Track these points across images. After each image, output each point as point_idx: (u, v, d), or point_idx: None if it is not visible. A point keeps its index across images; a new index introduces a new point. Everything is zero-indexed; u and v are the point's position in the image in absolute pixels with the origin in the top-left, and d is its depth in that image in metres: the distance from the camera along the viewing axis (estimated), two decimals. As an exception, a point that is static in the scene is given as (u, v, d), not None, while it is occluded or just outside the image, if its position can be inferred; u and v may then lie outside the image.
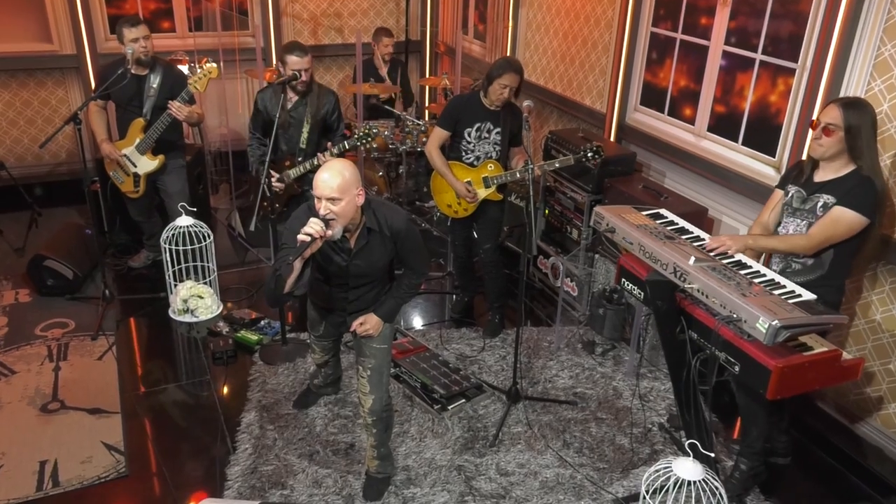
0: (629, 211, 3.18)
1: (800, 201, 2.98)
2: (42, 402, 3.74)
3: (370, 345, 3.04)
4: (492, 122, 4.07)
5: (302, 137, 4.23)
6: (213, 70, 4.24)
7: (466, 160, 4.17)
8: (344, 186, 2.59)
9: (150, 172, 4.59)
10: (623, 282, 3.28)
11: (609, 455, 3.52)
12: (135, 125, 4.46)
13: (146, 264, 5.08)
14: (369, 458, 3.24)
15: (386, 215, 2.85)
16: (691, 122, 4.35)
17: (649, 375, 4.13)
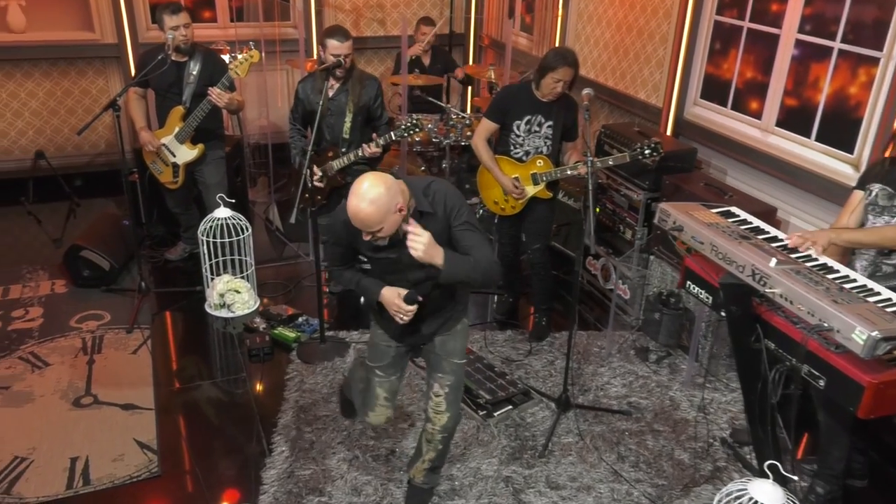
0: (697, 208, 2.94)
1: (887, 198, 2.71)
2: (75, 395, 3.63)
3: (451, 360, 2.71)
4: (543, 115, 3.85)
5: (345, 127, 4.06)
6: (254, 55, 4.09)
7: (515, 155, 3.95)
8: (378, 216, 2.26)
9: (190, 162, 4.47)
10: (688, 285, 3.04)
11: (668, 471, 3.28)
12: (174, 113, 4.34)
13: (183, 257, 4.96)
14: (418, 469, 2.97)
15: (445, 193, 2.47)
16: (758, 116, 4.08)
17: (708, 386, 3.88)
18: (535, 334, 4.23)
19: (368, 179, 2.27)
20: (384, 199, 2.24)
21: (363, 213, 2.24)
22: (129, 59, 6.03)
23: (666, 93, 4.65)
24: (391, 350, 2.78)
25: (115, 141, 6.27)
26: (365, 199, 2.23)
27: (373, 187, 2.24)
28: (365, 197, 2.23)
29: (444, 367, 2.72)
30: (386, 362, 2.80)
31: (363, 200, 2.23)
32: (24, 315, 4.28)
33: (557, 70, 3.66)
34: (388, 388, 2.82)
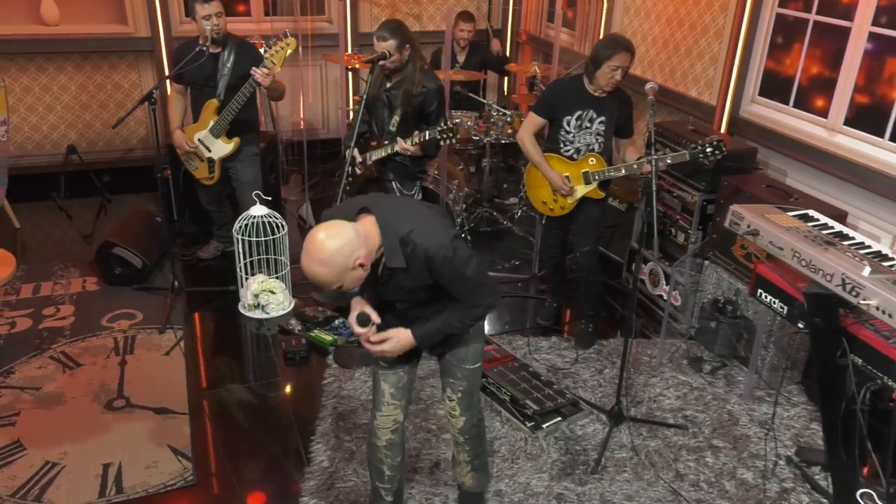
0: (772, 211, 2.74)
1: None
2: (107, 398, 3.50)
3: (462, 366, 2.54)
4: (595, 111, 3.65)
5: (392, 120, 3.87)
6: (291, 43, 3.93)
7: (565, 152, 3.76)
8: (332, 276, 2.05)
9: (226, 156, 4.33)
10: (759, 293, 2.84)
11: (731, 491, 3.07)
12: (208, 107, 4.21)
13: (215, 255, 4.84)
14: (463, 474, 2.81)
15: (419, 243, 2.16)
16: (823, 114, 3.85)
17: (768, 399, 3.66)
18: (582, 342, 4.04)
19: (323, 231, 2.04)
20: (337, 258, 2.02)
21: (314, 274, 2.04)
22: (162, 53, 5.92)
23: (720, 90, 4.43)
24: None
25: (147, 136, 6.21)
26: (315, 259, 2.02)
27: (325, 245, 2.01)
28: (315, 256, 2.02)
29: (455, 373, 2.55)
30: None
31: (313, 260, 2.02)
32: (56, 313, 4.17)
33: (614, 57, 3.45)
34: (393, 383, 2.51)
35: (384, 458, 2.62)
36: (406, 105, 3.82)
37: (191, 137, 4.31)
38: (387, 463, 2.63)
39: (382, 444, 2.59)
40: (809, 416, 3.54)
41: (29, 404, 3.43)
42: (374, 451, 2.63)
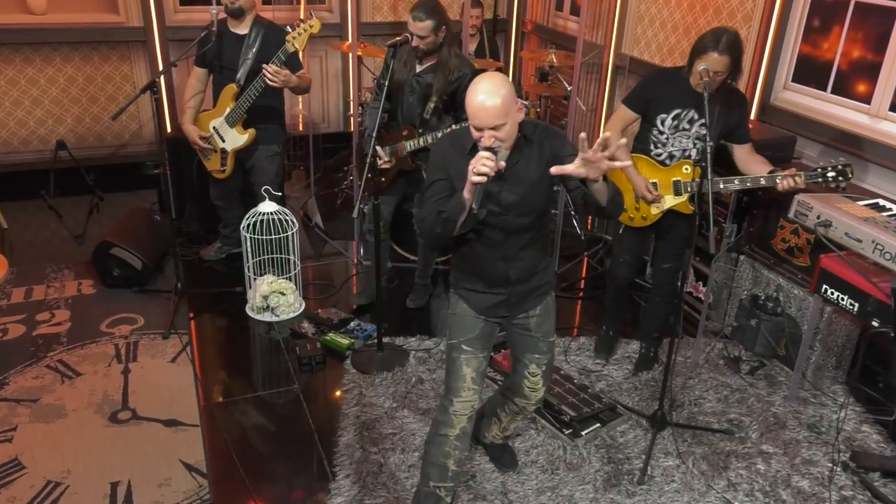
0: (840, 200, 2.55)
1: None
2: (111, 409, 3.25)
3: (547, 339, 2.59)
4: (697, 111, 3.12)
5: (428, 107, 3.59)
6: (314, 25, 3.67)
7: (656, 156, 3.24)
8: (506, 107, 2.12)
9: (239, 148, 4.03)
10: (823, 289, 2.64)
11: (788, 501, 2.88)
12: (226, 92, 3.91)
13: (219, 258, 4.55)
14: (497, 435, 2.95)
15: (547, 128, 2.36)
16: (866, 100, 3.67)
17: (814, 401, 3.47)
18: (642, 365, 3.69)
19: (488, 76, 2.19)
20: (508, 88, 2.15)
21: (492, 101, 2.10)
22: (155, 44, 5.64)
23: (750, 76, 4.23)
24: (479, 322, 2.50)
25: (139, 131, 5.92)
26: (491, 88, 2.12)
27: (498, 78, 2.17)
28: (489, 86, 2.13)
29: (540, 347, 2.59)
30: (475, 334, 2.49)
31: (489, 90, 2.12)
32: (51, 319, 3.90)
33: (707, 55, 2.93)
34: (475, 367, 2.47)
35: (452, 451, 2.48)
36: (442, 91, 3.57)
37: (206, 125, 4.02)
38: (454, 456, 2.49)
39: (455, 433, 2.48)
40: (858, 417, 3.36)
41: (26, 418, 3.17)
42: (442, 445, 2.49)
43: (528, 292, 2.51)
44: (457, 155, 2.31)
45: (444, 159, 2.33)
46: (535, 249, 2.46)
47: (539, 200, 2.36)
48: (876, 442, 3.22)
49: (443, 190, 2.31)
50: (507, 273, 2.43)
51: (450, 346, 2.52)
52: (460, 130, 2.36)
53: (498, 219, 2.33)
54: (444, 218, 2.23)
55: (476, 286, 2.48)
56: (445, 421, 2.49)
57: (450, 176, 2.31)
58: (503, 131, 2.14)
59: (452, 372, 2.49)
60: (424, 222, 2.32)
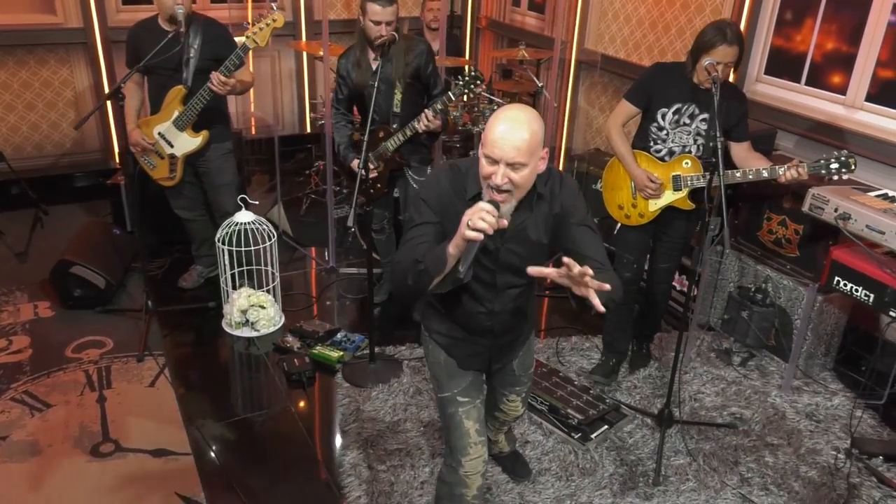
0: (854, 193, 2.56)
1: None
2: (91, 442, 3.00)
3: (528, 373, 2.52)
4: (697, 106, 3.06)
5: (395, 100, 3.47)
6: (278, 19, 3.47)
7: (655, 152, 3.19)
8: (533, 146, 1.84)
9: (192, 153, 3.78)
10: (836, 281, 2.66)
11: (801, 492, 2.89)
12: (173, 95, 3.64)
13: (199, 283, 4.24)
14: (499, 443, 2.89)
15: (562, 181, 2.07)
16: (841, 91, 3.74)
17: (807, 389, 3.52)
18: (637, 363, 3.66)
19: (518, 105, 1.94)
20: (540, 125, 1.88)
21: (519, 133, 1.82)
22: (97, 46, 5.31)
23: (722, 70, 4.26)
24: (468, 372, 2.30)
25: (81, 139, 5.57)
26: (521, 119, 1.85)
27: (529, 113, 1.88)
28: (520, 116, 1.86)
29: (521, 380, 2.51)
30: (468, 382, 2.28)
31: (519, 119, 1.85)
32: (8, 346, 3.60)
33: (714, 50, 2.86)
34: (476, 417, 2.24)
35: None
36: (404, 76, 3.45)
37: (149, 131, 3.73)
38: None
39: (473, 493, 2.24)
40: (851, 403, 3.42)
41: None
42: (459, 502, 2.26)
43: (511, 342, 2.33)
44: (455, 198, 1.99)
45: (440, 200, 2.00)
46: (522, 301, 2.23)
47: (541, 261, 2.05)
48: (871, 426, 3.29)
49: (428, 235, 1.98)
50: (491, 327, 2.21)
51: (442, 400, 2.27)
52: (460, 169, 2.03)
53: (491, 276, 2.09)
54: (420, 270, 1.89)
55: (454, 333, 2.24)
56: (457, 482, 2.24)
57: (442, 220, 2.00)
58: (521, 174, 1.85)
59: (453, 429, 2.24)
60: (397, 267, 1.99)
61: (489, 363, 2.32)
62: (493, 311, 2.16)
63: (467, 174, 1.99)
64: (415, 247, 1.93)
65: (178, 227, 4.36)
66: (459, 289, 2.02)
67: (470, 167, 1.99)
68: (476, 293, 2.12)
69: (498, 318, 2.19)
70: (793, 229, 3.51)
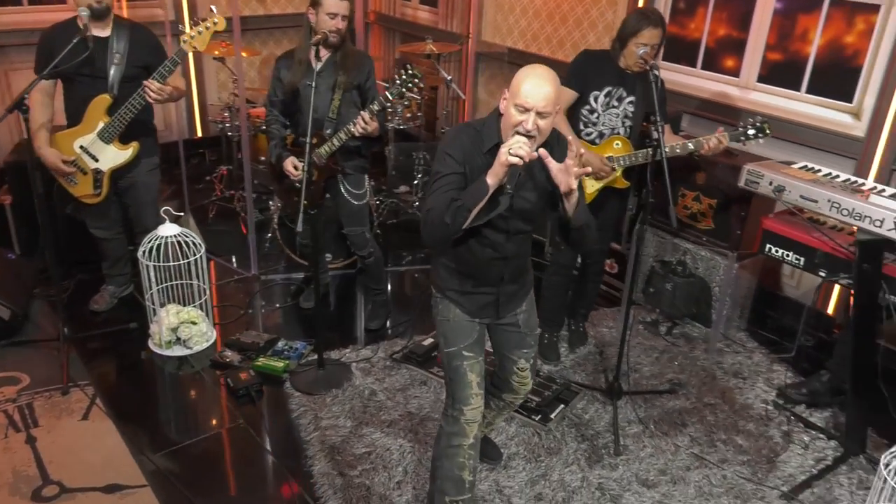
0: (782, 167, 2.79)
1: None
2: (30, 487, 2.75)
3: (533, 333, 2.59)
4: (625, 89, 3.24)
5: (332, 105, 3.39)
6: (219, 21, 3.29)
7: (586, 136, 3.31)
8: (556, 98, 2.10)
9: (119, 167, 3.51)
10: (767, 248, 2.90)
11: (744, 444, 3.14)
12: (96, 105, 3.36)
13: (113, 304, 3.95)
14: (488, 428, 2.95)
15: (555, 135, 2.30)
16: (735, 74, 4.05)
17: (728, 350, 3.81)
18: (576, 342, 3.80)
19: (543, 66, 2.15)
20: (558, 84, 2.13)
21: (549, 85, 2.07)
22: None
23: (622, 57, 4.49)
24: (475, 325, 2.45)
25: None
26: (548, 75, 2.11)
27: (549, 70, 2.14)
28: (546, 72, 2.11)
29: (528, 341, 2.57)
30: (473, 338, 2.43)
31: (547, 75, 2.10)
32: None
33: (641, 34, 3.06)
34: (479, 372, 2.41)
35: (466, 462, 2.40)
36: (347, 85, 3.39)
37: (67, 145, 3.42)
38: (468, 466, 2.41)
39: (469, 442, 2.39)
40: (768, 359, 3.74)
41: (-77, 519, 2.60)
42: (456, 457, 2.39)
43: (516, 291, 2.49)
44: (475, 152, 2.22)
45: (464, 153, 2.21)
46: (527, 249, 2.46)
47: (545, 208, 2.34)
48: (788, 378, 3.61)
49: (457, 183, 2.19)
50: (501, 273, 2.38)
51: (449, 354, 2.41)
52: (475, 127, 2.26)
53: (504, 222, 2.27)
54: (458, 206, 2.10)
55: (466, 286, 2.41)
56: (457, 432, 2.39)
57: (466, 171, 2.21)
58: (545, 122, 2.09)
59: (457, 381, 2.39)
60: (432, 212, 2.17)
61: (498, 312, 2.44)
62: (506, 257, 2.34)
63: (482, 131, 2.23)
64: (444, 193, 2.15)
65: (77, 246, 4.07)
66: (475, 241, 2.28)
67: (483, 125, 2.24)
68: (489, 241, 2.29)
69: (509, 264, 2.36)
70: (707, 203, 3.77)
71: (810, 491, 2.88)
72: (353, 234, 3.68)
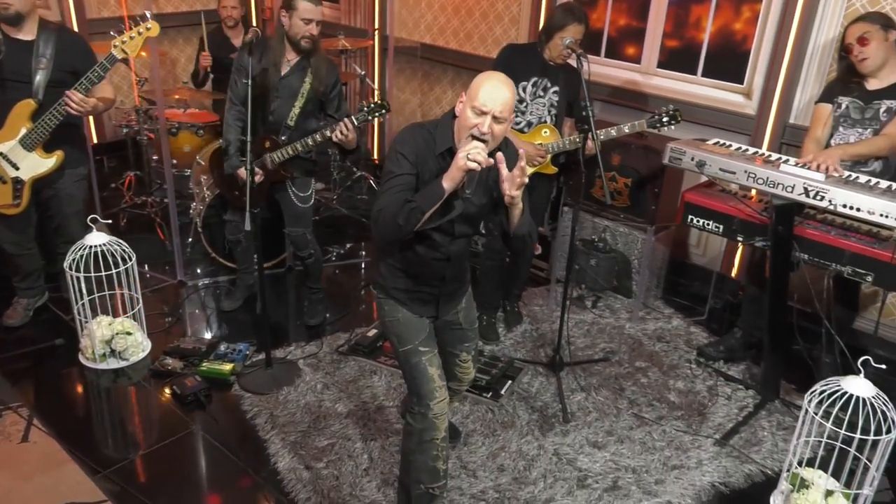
0: (700, 143, 3.06)
1: (858, 111, 3.07)
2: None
3: (473, 327, 2.68)
4: (550, 80, 3.46)
5: (292, 112, 3.38)
6: (153, 27, 3.18)
7: (515, 125, 3.49)
8: (512, 105, 2.16)
9: (41, 176, 3.34)
10: (689, 219, 3.17)
11: (676, 401, 3.42)
12: (19, 110, 3.19)
13: (28, 318, 3.75)
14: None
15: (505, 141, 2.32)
16: (636, 61, 4.34)
17: (649, 318, 4.11)
18: (512, 321, 3.97)
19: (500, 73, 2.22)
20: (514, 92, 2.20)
21: (507, 90, 2.14)
22: None
23: (529, 48, 4.70)
24: (424, 321, 2.50)
25: None
26: (506, 80, 2.17)
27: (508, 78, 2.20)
28: (502, 77, 2.18)
29: (469, 335, 2.66)
30: (426, 333, 2.48)
31: (505, 81, 2.17)
32: None
33: (566, 28, 3.29)
34: (437, 364, 2.47)
35: (440, 453, 2.45)
36: (313, 92, 3.39)
37: None
38: (443, 457, 2.46)
39: (441, 435, 2.42)
40: (685, 323, 4.06)
41: None
42: (430, 450, 2.43)
43: (456, 290, 2.54)
44: (427, 153, 2.23)
45: (417, 155, 2.22)
46: (468, 250, 2.51)
47: (488, 212, 2.39)
48: (705, 338, 3.94)
49: (408, 184, 2.21)
50: (443, 273, 2.42)
51: (406, 352, 2.44)
52: (428, 128, 2.27)
53: (450, 224, 2.30)
54: (412, 208, 2.13)
55: (408, 285, 2.44)
56: (427, 427, 2.40)
57: (419, 173, 2.22)
58: (500, 127, 2.14)
59: (419, 377, 2.41)
60: (384, 212, 2.18)
61: (437, 310, 2.50)
62: (449, 258, 2.38)
63: (434, 133, 2.25)
64: (396, 193, 2.18)
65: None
66: (419, 240, 2.30)
67: (436, 127, 2.26)
68: (434, 242, 2.33)
69: (451, 265, 2.41)
70: (622, 183, 4.04)
71: (738, 436, 3.18)
72: (295, 234, 3.69)
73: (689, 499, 2.85)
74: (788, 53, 3.68)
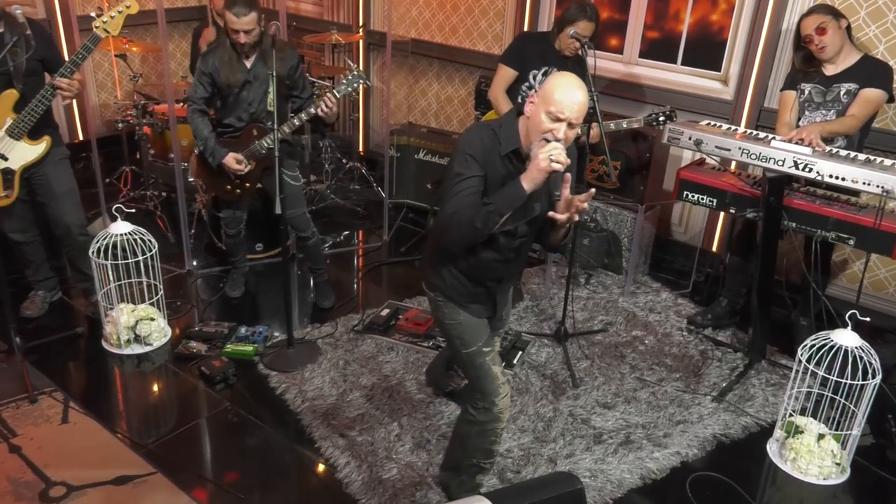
0: (695, 124, 3.33)
1: (821, 95, 3.39)
2: (34, 491, 2.71)
3: (509, 314, 2.83)
4: (559, 69, 3.41)
5: (269, 99, 3.52)
6: (132, 5, 3.26)
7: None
8: (586, 108, 2.12)
9: (32, 163, 3.40)
10: (685, 195, 3.44)
11: (673, 364, 3.70)
12: (3, 101, 3.25)
13: (45, 309, 3.82)
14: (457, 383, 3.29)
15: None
16: (619, 51, 4.62)
17: (639, 291, 4.38)
18: (516, 298, 4.14)
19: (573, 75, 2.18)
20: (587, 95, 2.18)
21: (584, 97, 2.10)
22: None
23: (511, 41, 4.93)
24: (484, 323, 2.54)
25: None
26: (581, 86, 2.12)
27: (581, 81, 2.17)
28: (581, 84, 2.13)
29: (504, 323, 2.79)
30: (486, 336, 2.52)
31: (582, 87, 2.12)
32: None
33: (576, 23, 3.46)
34: (498, 362, 2.54)
35: (497, 438, 2.59)
36: (284, 77, 3.55)
37: None
38: (498, 440, 2.61)
39: (503, 425, 2.55)
40: (673, 295, 4.35)
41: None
42: (489, 435, 2.55)
43: (510, 289, 2.63)
44: (493, 154, 2.20)
45: (484, 156, 2.19)
46: (527, 252, 2.55)
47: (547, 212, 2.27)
48: (691, 308, 4.23)
49: (477, 186, 2.17)
50: (502, 274, 2.45)
51: (470, 354, 2.46)
52: (490, 128, 2.24)
53: (515, 227, 2.30)
54: (490, 210, 2.10)
55: (468, 287, 2.44)
56: (491, 419, 2.49)
57: (486, 174, 2.19)
58: (571, 133, 2.12)
59: (484, 377, 2.47)
60: (457, 215, 2.15)
61: (495, 309, 2.54)
62: (509, 260, 2.40)
63: (499, 133, 2.23)
64: (468, 196, 2.16)
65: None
66: (484, 242, 2.27)
67: (500, 127, 2.24)
68: (499, 244, 2.33)
69: (509, 266, 2.45)
70: (612, 165, 4.31)
71: (732, 393, 3.47)
72: (296, 215, 3.83)
73: (695, 448, 3.12)
74: (762, 42, 3.99)
